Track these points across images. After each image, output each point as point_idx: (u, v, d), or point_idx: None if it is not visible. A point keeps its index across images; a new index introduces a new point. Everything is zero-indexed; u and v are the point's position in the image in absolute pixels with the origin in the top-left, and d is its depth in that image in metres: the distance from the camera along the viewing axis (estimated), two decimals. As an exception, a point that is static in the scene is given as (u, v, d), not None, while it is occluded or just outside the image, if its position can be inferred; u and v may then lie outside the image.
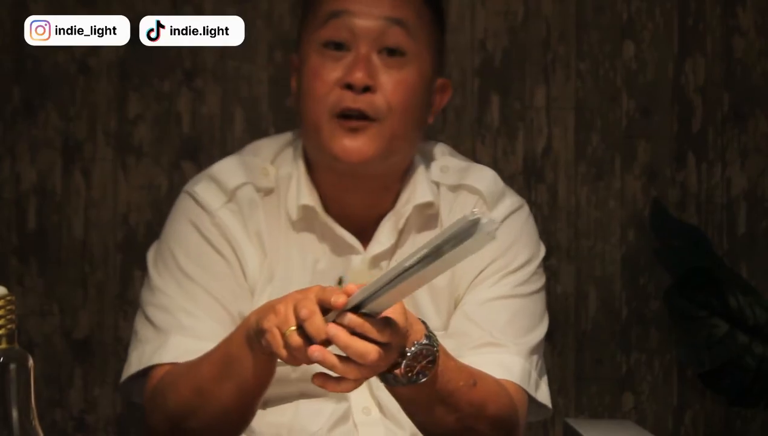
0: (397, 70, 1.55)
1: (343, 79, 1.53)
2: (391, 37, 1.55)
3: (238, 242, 1.59)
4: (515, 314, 1.60)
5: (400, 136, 1.56)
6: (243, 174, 1.62)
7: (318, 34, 1.57)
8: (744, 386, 2.49)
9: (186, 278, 1.58)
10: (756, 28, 2.64)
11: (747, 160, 2.65)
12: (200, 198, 1.61)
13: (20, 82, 2.59)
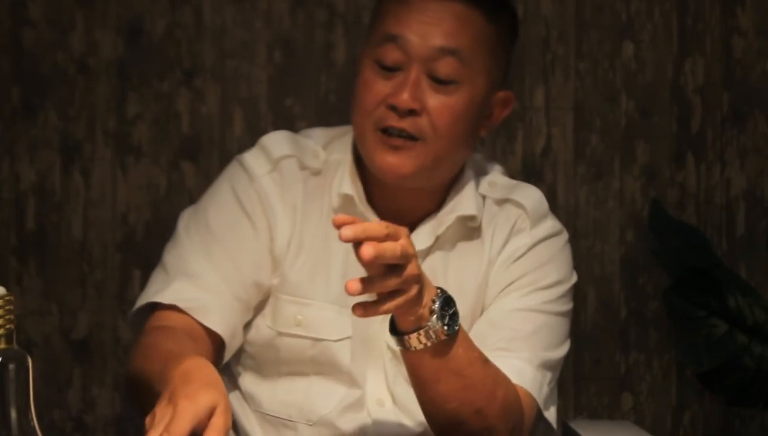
0: (445, 95, 1.55)
1: (389, 98, 1.54)
2: (442, 67, 1.54)
3: (273, 211, 1.62)
4: (539, 328, 1.61)
5: (443, 157, 1.57)
6: (291, 148, 1.64)
7: (374, 52, 1.57)
8: (743, 387, 2.49)
9: (210, 233, 1.60)
10: (755, 28, 2.65)
11: (746, 161, 2.66)
12: (246, 164, 1.64)
13: (19, 82, 2.58)
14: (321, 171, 1.64)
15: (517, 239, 1.64)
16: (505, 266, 1.63)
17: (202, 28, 2.60)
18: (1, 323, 1.07)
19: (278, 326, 1.61)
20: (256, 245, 1.61)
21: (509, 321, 1.61)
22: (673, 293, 2.53)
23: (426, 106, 1.54)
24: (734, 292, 2.51)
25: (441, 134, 1.55)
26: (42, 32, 2.58)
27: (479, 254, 1.64)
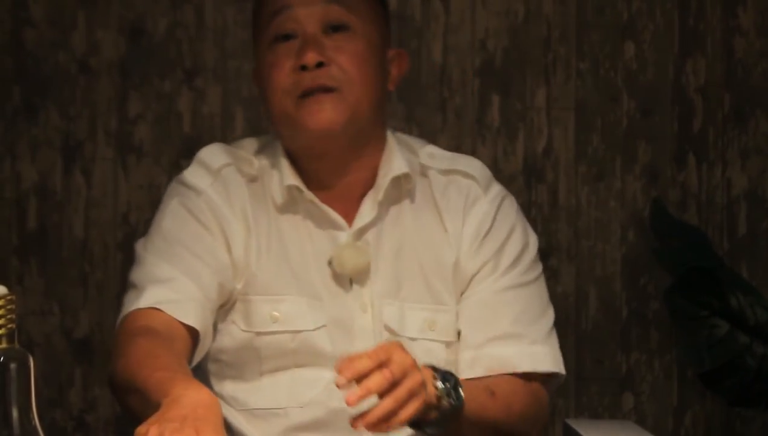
0: (345, 43, 1.65)
1: (297, 63, 1.63)
2: (332, 14, 1.65)
3: (226, 218, 1.67)
4: (528, 303, 1.71)
5: (362, 102, 1.65)
6: (227, 157, 1.71)
7: (266, 34, 1.67)
8: (744, 387, 2.49)
9: (169, 245, 1.65)
10: (756, 28, 2.65)
11: (747, 161, 2.66)
12: (188, 180, 1.69)
13: (20, 82, 2.59)
14: (257, 177, 1.70)
15: (477, 208, 1.71)
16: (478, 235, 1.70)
17: (203, 28, 2.61)
18: (3, 322, 1.08)
19: (255, 327, 1.65)
20: (213, 251, 1.65)
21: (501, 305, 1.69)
22: (674, 293, 2.53)
23: (331, 57, 1.63)
24: (736, 292, 2.50)
25: (353, 79, 1.64)
26: (43, 32, 2.59)
27: (437, 224, 1.71)
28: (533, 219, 2.60)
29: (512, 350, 1.66)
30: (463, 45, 2.63)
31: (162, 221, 1.68)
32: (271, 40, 1.66)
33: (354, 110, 1.63)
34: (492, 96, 2.63)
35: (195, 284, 1.61)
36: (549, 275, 2.59)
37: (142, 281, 1.64)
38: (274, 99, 1.65)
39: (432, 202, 1.71)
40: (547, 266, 2.59)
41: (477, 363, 1.66)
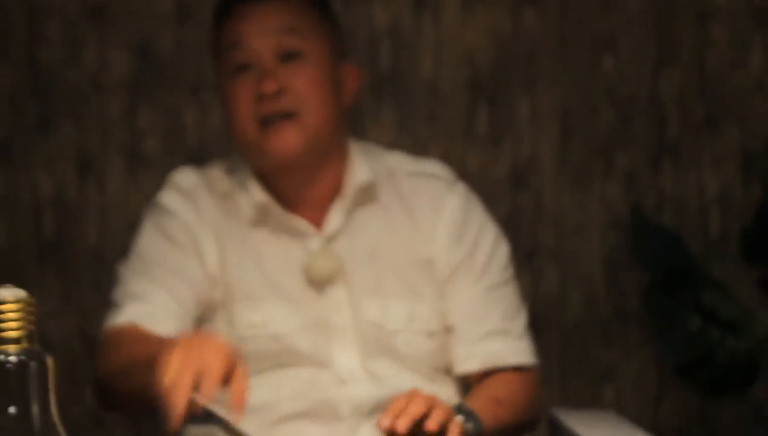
0: (299, 69, 1.66)
1: (256, 91, 1.64)
2: (285, 44, 1.66)
3: (197, 236, 1.69)
4: (511, 300, 1.74)
5: (320, 122, 1.66)
6: (197, 178, 1.73)
7: (226, 66, 1.68)
8: (717, 378, 2.52)
9: (146, 264, 1.68)
10: (727, 41, 2.66)
11: (719, 166, 2.67)
12: (162, 203, 1.72)
13: (36, 98, 2.60)
14: (229, 194, 1.71)
15: (447, 207, 1.73)
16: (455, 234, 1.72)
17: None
18: (23, 324, 1.10)
19: (237, 331, 1.65)
20: (187, 266, 1.67)
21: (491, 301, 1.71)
22: (652, 292, 2.56)
23: (287, 84, 1.64)
24: (708, 290, 2.52)
25: (309, 103, 1.65)
26: (57, 51, 2.60)
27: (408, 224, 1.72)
28: (518, 223, 2.62)
29: (502, 345, 1.69)
30: (452, 59, 2.64)
31: (139, 243, 1.71)
32: (230, 71, 1.67)
33: (314, 132, 1.65)
34: (479, 107, 2.64)
35: (170, 296, 1.64)
36: (533, 276, 2.64)
37: (120, 298, 1.67)
38: (239, 126, 1.67)
39: (401, 203, 1.73)
40: (531, 267, 2.63)
41: (472, 358, 1.69)
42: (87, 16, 2.60)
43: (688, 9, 2.65)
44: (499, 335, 1.69)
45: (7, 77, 2.60)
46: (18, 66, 2.60)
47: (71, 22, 2.60)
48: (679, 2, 2.65)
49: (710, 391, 2.54)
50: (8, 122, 2.60)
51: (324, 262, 1.67)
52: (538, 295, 2.62)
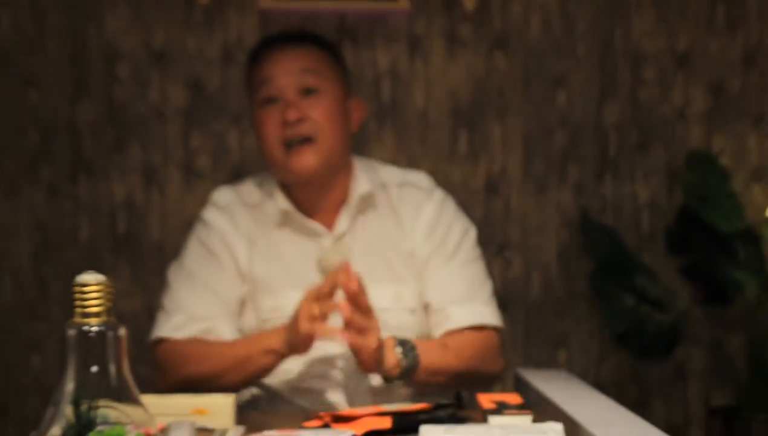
0: (316, 102, 1.65)
1: (281, 121, 1.64)
2: (305, 82, 1.66)
3: (232, 242, 1.69)
4: (476, 275, 1.73)
5: (333, 147, 1.66)
6: (232, 195, 1.73)
7: (257, 98, 1.68)
8: (646, 344, 2.53)
9: (190, 276, 1.68)
10: (655, 80, 2.65)
11: (649, 179, 2.65)
12: (205, 219, 1.72)
13: (112, 125, 2.60)
14: (258, 204, 1.71)
15: (425, 211, 1.72)
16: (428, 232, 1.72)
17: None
18: (102, 302, 1.11)
19: (261, 315, 1.66)
20: (225, 275, 1.68)
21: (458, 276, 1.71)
22: (596, 276, 2.56)
23: (306, 114, 1.64)
24: (640, 275, 2.53)
25: (325, 130, 1.64)
26: (127, 87, 2.59)
27: (395, 225, 1.72)
28: (491, 223, 2.61)
29: (467, 310, 1.68)
30: (438, 94, 2.63)
31: (186, 255, 1.71)
32: (261, 102, 1.67)
33: (328, 153, 1.65)
34: (460, 131, 2.63)
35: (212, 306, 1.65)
36: (503, 264, 2.64)
37: (170, 307, 1.67)
38: (267, 148, 1.66)
39: (391, 209, 1.73)
40: (501, 257, 2.64)
41: (442, 323, 1.68)
42: (151, 60, 2.60)
43: (624, 55, 2.65)
44: (466, 302, 1.69)
45: (89, 109, 2.60)
46: (97, 100, 2.60)
47: (139, 65, 2.60)
48: (617, 49, 2.64)
49: (641, 354, 2.55)
50: (90, 144, 2.60)
51: (334, 256, 1.67)
52: (507, 279, 2.62)
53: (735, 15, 2.65)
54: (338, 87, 1.70)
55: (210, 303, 1.66)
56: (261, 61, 1.69)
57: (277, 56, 1.67)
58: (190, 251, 1.71)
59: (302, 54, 1.68)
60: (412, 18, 2.60)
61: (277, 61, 1.67)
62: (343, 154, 1.70)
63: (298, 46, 1.69)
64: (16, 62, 2.58)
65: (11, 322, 2.61)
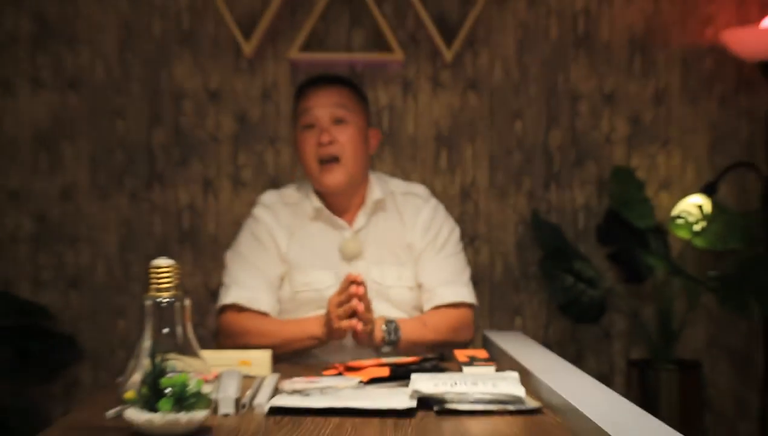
0: (344, 130, 1.65)
1: (317, 142, 1.64)
2: (336, 113, 1.65)
3: (275, 233, 1.68)
4: (458, 264, 1.72)
5: (355, 166, 1.66)
6: (275, 197, 1.73)
7: (299, 122, 1.68)
8: (581, 312, 2.53)
9: (243, 258, 1.68)
10: (588, 113, 2.65)
11: (584, 188, 2.65)
12: (255, 215, 1.71)
13: (178, 147, 2.59)
14: (297, 203, 1.70)
15: (422, 214, 1.71)
16: (424, 230, 1.71)
17: (279, 114, 2.61)
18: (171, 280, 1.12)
19: (294, 288, 1.66)
20: (269, 258, 1.67)
21: (446, 266, 1.70)
22: (544, 261, 2.55)
23: (336, 138, 1.63)
24: (577, 261, 2.53)
25: (349, 153, 1.64)
26: (190, 118, 2.60)
27: (399, 224, 1.71)
28: (465, 220, 2.61)
29: (450, 290, 1.68)
30: (425, 122, 2.62)
31: (239, 243, 1.70)
32: (302, 127, 1.67)
33: (350, 172, 1.65)
34: (441, 151, 2.63)
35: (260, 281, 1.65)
36: (474, 251, 2.65)
37: (228, 282, 1.67)
38: (305, 163, 1.67)
39: (396, 211, 1.72)
40: (473, 246, 2.64)
41: (431, 300, 1.68)
42: (208, 97, 2.60)
43: (564, 94, 2.64)
44: (450, 284, 1.68)
45: (162, 134, 2.59)
46: (168, 127, 2.60)
47: (199, 101, 2.60)
48: (559, 90, 2.64)
49: (577, 320, 2.55)
50: (162, 161, 2.60)
51: (352, 245, 1.67)
52: (477, 264, 2.62)
53: (648, 64, 2.65)
54: (361, 119, 1.69)
55: (256, 278, 1.65)
56: (304, 96, 1.69)
57: (316, 93, 1.67)
58: (243, 239, 1.71)
59: (335, 92, 1.67)
60: (405, 66, 2.61)
61: (316, 96, 1.67)
62: (363, 171, 1.70)
63: (333, 86, 1.68)
64: (108, 99, 2.59)
65: (103, 295, 2.61)
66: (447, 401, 1.18)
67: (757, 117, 2.64)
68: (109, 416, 1.15)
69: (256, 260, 1.67)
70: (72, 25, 2.57)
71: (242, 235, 1.71)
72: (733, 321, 2.64)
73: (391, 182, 1.76)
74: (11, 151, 2.58)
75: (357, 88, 1.73)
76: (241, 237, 1.71)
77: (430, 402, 1.19)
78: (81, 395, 2.58)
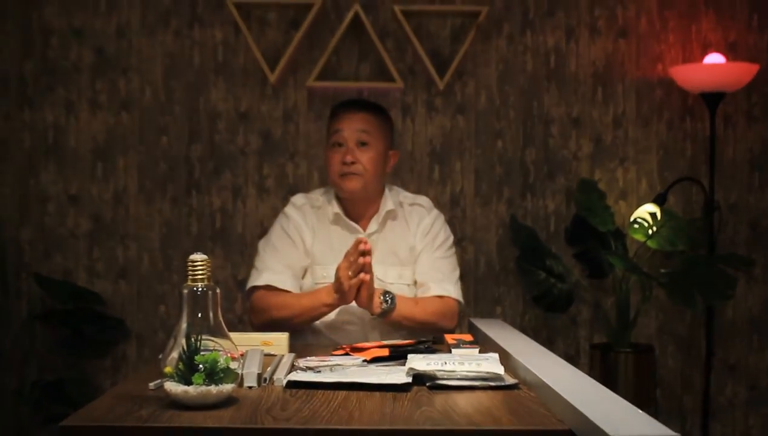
0: (366, 152, 1.64)
1: (343, 160, 1.62)
2: (361, 137, 1.64)
3: (303, 230, 1.67)
4: (450, 265, 1.72)
5: (372, 182, 1.65)
6: (304, 200, 1.71)
7: (330, 140, 1.67)
8: (552, 303, 2.52)
9: (274, 248, 1.67)
10: (559, 134, 2.63)
11: (555, 197, 2.63)
12: (287, 213, 1.70)
13: (211, 160, 2.59)
14: (321, 206, 1.69)
15: (424, 221, 1.71)
16: (424, 234, 1.71)
17: (299, 133, 2.60)
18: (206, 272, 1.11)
19: (315, 280, 1.65)
20: (298, 250, 1.66)
21: (439, 266, 1.69)
22: (520, 259, 2.54)
23: (358, 158, 1.62)
24: (549, 258, 2.52)
25: (368, 171, 1.63)
26: (223, 135, 2.59)
27: (406, 230, 1.71)
28: (454, 224, 2.60)
29: (440, 285, 1.67)
30: (421, 140, 2.62)
31: (272, 234, 1.69)
32: (332, 144, 1.65)
33: (366, 183, 1.64)
34: (434, 166, 2.62)
35: (288, 269, 1.64)
36: (462, 250, 2.64)
37: (260, 267, 1.65)
38: (331, 174, 1.66)
39: (404, 219, 1.72)
40: (461, 246, 2.63)
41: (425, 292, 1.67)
42: (238, 118, 2.59)
43: (539, 118, 2.63)
44: (439, 281, 1.67)
45: (199, 148, 2.59)
46: (204, 143, 2.59)
47: (230, 121, 2.58)
48: (534, 114, 2.63)
49: (548, 310, 2.53)
50: (199, 171, 2.59)
51: None
52: (464, 261, 2.61)
53: (608, 94, 2.63)
54: (382, 142, 1.67)
55: (283, 266, 1.65)
56: (337, 117, 1.67)
57: (347, 116, 1.65)
58: (275, 231, 1.70)
59: (362, 118, 1.65)
60: (404, 93, 2.60)
61: (347, 120, 1.65)
62: (379, 186, 1.69)
63: (361, 111, 1.66)
64: (154, 118, 2.59)
65: (147, 284, 2.61)
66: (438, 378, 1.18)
67: (700, 139, 2.64)
68: (151, 388, 1.15)
69: (284, 251, 1.66)
70: (126, 57, 2.57)
71: (275, 228, 1.70)
72: (680, 311, 2.63)
73: (402, 194, 1.76)
74: (73, 162, 2.57)
75: (384, 113, 1.71)
76: (274, 230, 1.70)
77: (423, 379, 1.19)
78: (127, 369, 2.57)
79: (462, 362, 1.20)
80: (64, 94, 2.58)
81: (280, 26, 2.58)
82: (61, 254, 2.58)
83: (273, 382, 1.19)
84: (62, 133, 2.58)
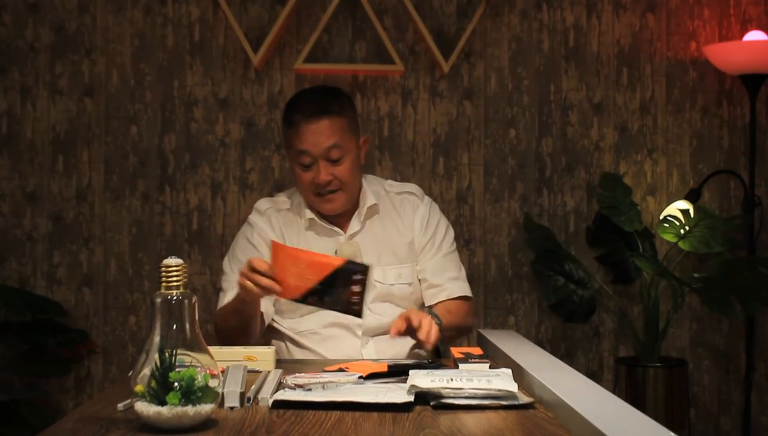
0: (340, 166, 1.61)
1: (314, 181, 1.60)
2: (331, 154, 1.60)
3: (268, 237, 1.65)
4: (456, 260, 1.74)
5: (353, 190, 1.64)
6: (269, 204, 1.70)
7: (296, 161, 1.63)
8: (571, 312, 2.53)
9: (239, 262, 1.63)
10: (578, 122, 2.64)
11: (574, 193, 2.64)
12: (251, 221, 1.69)
13: (189, 152, 2.58)
14: (289, 209, 1.68)
15: (419, 211, 1.71)
16: (422, 228, 1.71)
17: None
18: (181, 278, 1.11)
19: None
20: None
21: (448, 264, 1.71)
22: (536, 263, 2.55)
23: (333, 174, 1.60)
24: (568, 262, 2.52)
25: (347, 182, 1.62)
26: (200, 125, 2.59)
27: (399, 223, 1.70)
28: (461, 224, 2.60)
29: (455, 285, 1.69)
30: (423, 130, 2.62)
31: (236, 248, 1.68)
32: (298, 162, 1.61)
33: (350, 195, 1.64)
34: (439, 157, 2.62)
35: None
36: (469, 253, 2.65)
37: (226, 287, 1.64)
38: (303, 192, 1.64)
39: (393, 210, 1.72)
40: (469, 248, 2.64)
41: (438, 294, 1.69)
42: (218, 105, 2.59)
43: (556, 104, 2.64)
44: (454, 280, 1.70)
45: (173, 139, 2.59)
46: (179, 133, 2.59)
47: (208, 109, 2.59)
48: (551, 100, 2.64)
49: (567, 319, 2.54)
50: (173, 165, 2.59)
51: (348, 248, 1.66)
52: (472, 265, 2.62)
53: (634, 77, 2.64)
54: (354, 142, 1.64)
55: None
56: (297, 134, 1.60)
57: (309, 131, 1.58)
58: (238, 243, 1.69)
59: (327, 129, 1.59)
60: (405, 77, 2.60)
61: (311, 135, 1.58)
62: (359, 185, 1.68)
63: (323, 119, 1.59)
64: (123, 106, 2.59)
65: (115, 292, 2.61)
66: (443, 396, 1.17)
67: (738, 127, 2.64)
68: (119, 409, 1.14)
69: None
70: (90, 35, 2.57)
71: (237, 240, 1.70)
72: (716, 321, 2.64)
73: (386, 184, 1.75)
74: (30, 155, 2.57)
75: (345, 100, 1.65)
76: (237, 242, 1.69)
77: (427, 397, 1.18)
78: (92, 388, 2.57)
79: (470, 379, 1.20)
80: (19, 77, 2.57)
81: (265, 1, 2.58)
82: (16, 259, 2.58)
83: (257, 402, 1.18)
84: (17, 122, 2.57)
